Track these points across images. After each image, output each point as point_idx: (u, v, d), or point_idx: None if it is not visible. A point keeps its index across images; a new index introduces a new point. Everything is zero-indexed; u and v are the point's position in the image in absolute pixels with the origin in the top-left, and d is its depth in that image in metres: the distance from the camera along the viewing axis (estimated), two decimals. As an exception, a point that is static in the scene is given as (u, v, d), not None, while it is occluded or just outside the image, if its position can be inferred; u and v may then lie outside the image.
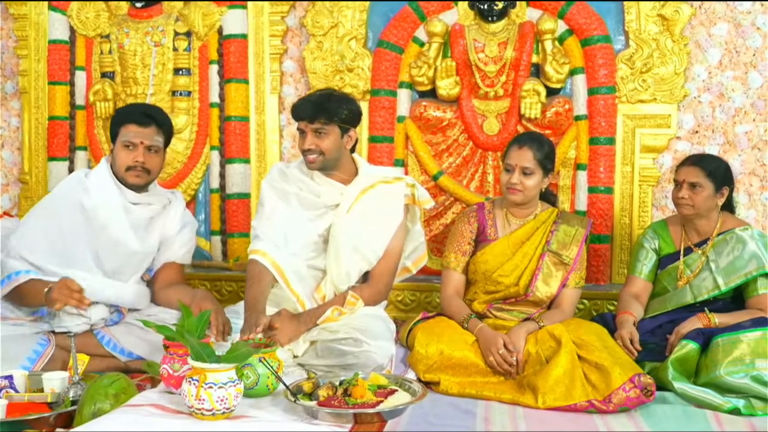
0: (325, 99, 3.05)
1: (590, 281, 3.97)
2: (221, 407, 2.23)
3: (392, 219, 3.19)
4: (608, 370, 2.70)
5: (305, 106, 3.05)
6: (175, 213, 3.31)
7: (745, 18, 4.00)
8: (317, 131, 3.03)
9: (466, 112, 4.10)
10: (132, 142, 3.13)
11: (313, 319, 2.98)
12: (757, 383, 2.73)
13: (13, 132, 4.71)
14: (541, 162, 3.15)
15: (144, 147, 3.14)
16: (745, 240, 3.15)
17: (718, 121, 4.05)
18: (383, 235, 3.17)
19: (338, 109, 3.04)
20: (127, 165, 3.13)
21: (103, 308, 3.07)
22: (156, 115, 3.24)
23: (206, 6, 4.31)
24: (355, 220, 3.10)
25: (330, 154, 3.06)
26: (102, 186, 3.15)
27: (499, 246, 3.21)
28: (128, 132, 3.14)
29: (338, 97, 3.10)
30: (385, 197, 3.18)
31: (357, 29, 4.19)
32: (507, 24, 4.08)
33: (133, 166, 3.13)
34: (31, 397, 2.48)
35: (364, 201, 3.13)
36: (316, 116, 3.01)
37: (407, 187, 3.23)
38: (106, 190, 3.14)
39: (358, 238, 3.11)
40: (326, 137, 3.03)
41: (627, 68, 4.00)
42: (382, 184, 3.18)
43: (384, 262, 3.18)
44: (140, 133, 3.14)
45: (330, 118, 3.02)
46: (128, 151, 3.14)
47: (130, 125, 3.15)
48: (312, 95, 3.13)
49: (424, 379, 2.87)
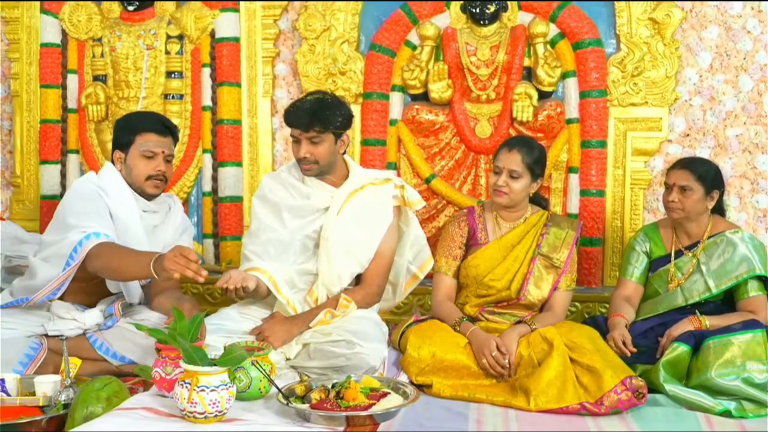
0: (319, 107, 3.02)
1: (582, 284, 3.98)
2: (213, 410, 2.23)
3: (382, 220, 3.19)
4: (600, 372, 2.71)
5: (299, 115, 3.03)
6: (176, 218, 3.31)
7: (736, 21, 4.02)
8: (312, 139, 3.02)
9: (459, 115, 4.11)
10: (153, 151, 3.12)
11: (305, 321, 2.99)
12: (748, 385, 2.74)
13: (5, 135, 4.70)
14: (529, 166, 3.14)
15: (164, 156, 3.14)
16: (735, 243, 3.16)
17: (709, 125, 4.07)
18: (373, 236, 3.17)
19: (332, 116, 3.02)
20: (148, 174, 3.12)
21: (97, 314, 3.07)
22: (172, 126, 3.25)
23: (198, 9, 4.31)
24: (345, 222, 3.10)
25: (324, 161, 3.06)
26: (119, 192, 3.11)
27: (489, 250, 3.21)
28: (148, 141, 3.12)
29: (331, 104, 3.07)
30: (374, 198, 3.18)
31: (349, 32, 4.20)
32: (499, 27, 4.09)
33: (154, 175, 3.12)
34: (23, 401, 2.46)
35: (353, 203, 3.13)
36: (311, 125, 2.99)
37: (396, 188, 3.23)
38: (123, 197, 3.11)
39: (348, 239, 3.11)
40: (321, 145, 3.03)
41: (618, 72, 4.02)
42: (371, 185, 3.18)
43: (376, 263, 3.18)
44: (161, 142, 3.14)
45: (325, 126, 3.00)
46: (148, 161, 3.12)
47: (149, 134, 3.14)
48: (305, 102, 3.08)
49: (416, 382, 2.87)
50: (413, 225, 3.34)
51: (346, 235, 3.10)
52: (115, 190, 3.10)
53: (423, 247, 3.40)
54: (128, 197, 3.11)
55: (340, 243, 3.10)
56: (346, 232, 3.10)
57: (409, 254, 3.36)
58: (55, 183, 4.49)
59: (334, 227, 3.10)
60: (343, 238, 3.10)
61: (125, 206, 3.09)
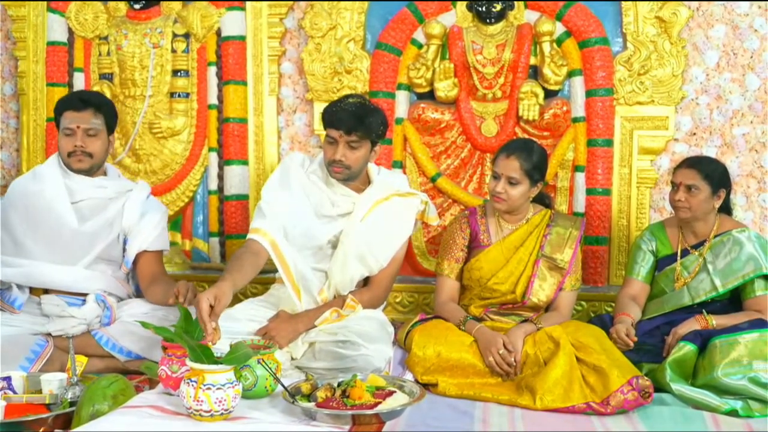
0: (364, 112, 2.99)
1: (588, 283, 3.98)
2: (219, 408, 2.23)
3: (403, 231, 3.21)
4: (606, 372, 2.71)
5: (343, 117, 2.98)
6: (134, 202, 3.32)
7: (743, 20, 4.01)
8: (350, 144, 3.00)
9: (464, 113, 4.11)
10: (70, 128, 3.21)
11: (311, 320, 2.99)
12: (755, 385, 2.73)
13: (12, 133, 4.71)
14: (528, 172, 3.11)
15: (82, 131, 3.20)
16: (742, 242, 3.15)
17: (715, 123, 4.06)
18: (392, 246, 3.18)
19: (375, 124, 3.01)
20: (68, 151, 3.22)
21: (94, 307, 3.08)
22: (92, 98, 3.30)
23: (205, 8, 4.30)
24: (367, 229, 3.11)
25: (356, 167, 3.07)
26: (48, 170, 3.26)
27: (492, 252, 3.20)
28: (65, 119, 3.23)
29: (374, 111, 3.06)
30: (399, 210, 3.19)
31: (355, 31, 4.20)
32: (505, 26, 4.08)
33: (72, 151, 3.21)
34: (29, 399, 2.47)
35: (377, 212, 3.13)
36: (355, 129, 2.97)
37: (422, 204, 3.26)
38: (51, 173, 3.24)
39: (366, 247, 3.11)
40: (358, 150, 3.02)
41: (625, 70, 4.00)
42: (397, 197, 3.18)
43: (386, 269, 3.20)
44: (77, 117, 3.21)
45: (367, 133, 2.99)
46: (68, 138, 3.22)
47: (67, 112, 3.24)
48: (348, 104, 3.03)
49: (422, 381, 2.87)
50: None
51: (364, 242, 3.10)
52: (44, 172, 3.27)
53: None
54: (56, 174, 3.24)
55: (357, 249, 3.10)
56: (366, 239, 3.10)
57: None
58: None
59: (354, 233, 3.09)
60: (361, 245, 3.10)
61: (51, 184, 3.22)
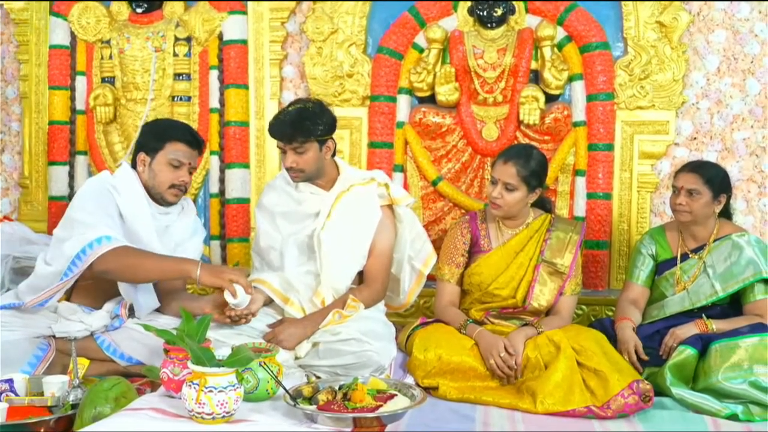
0: (299, 118, 3.07)
1: (588, 287, 3.98)
2: (221, 411, 2.24)
3: (369, 218, 3.23)
4: (607, 376, 2.71)
5: (281, 128, 3.10)
6: (188, 220, 3.31)
7: (743, 25, 4.02)
8: (296, 150, 3.09)
9: (465, 118, 4.12)
10: (181, 161, 3.12)
11: (316, 323, 3.03)
12: (755, 389, 2.74)
13: (14, 136, 4.72)
14: (525, 179, 3.10)
15: (188, 168, 3.15)
16: (741, 246, 3.16)
17: (716, 128, 4.07)
18: (364, 233, 3.21)
19: (314, 126, 3.08)
20: (171, 183, 3.12)
21: (104, 315, 3.08)
22: (201, 141, 3.26)
23: (207, 11, 4.31)
24: (336, 224, 3.16)
25: (311, 168, 3.14)
26: (132, 192, 3.10)
27: (493, 257, 3.20)
28: (177, 151, 3.12)
29: (312, 113, 3.10)
30: (360, 198, 3.22)
31: (357, 35, 4.21)
32: (506, 30, 4.09)
33: (177, 185, 3.13)
34: (32, 401, 2.48)
35: (341, 205, 3.19)
36: (293, 137, 3.06)
37: (380, 187, 3.27)
38: (135, 196, 3.10)
39: (341, 240, 3.16)
40: (305, 154, 3.10)
41: (625, 75, 4.01)
42: (356, 186, 3.23)
43: (375, 261, 3.23)
44: (189, 154, 3.15)
45: (307, 137, 3.07)
46: (174, 170, 3.12)
47: (179, 144, 3.13)
48: (286, 114, 3.13)
49: (422, 385, 2.87)
50: (407, 221, 3.35)
51: (338, 236, 3.16)
52: (127, 190, 3.09)
53: (425, 243, 3.41)
54: (140, 197, 3.11)
55: (334, 244, 3.15)
56: (338, 233, 3.16)
57: (410, 250, 3.37)
58: (63, 184, 4.49)
59: (326, 230, 3.16)
60: (336, 240, 3.15)
61: (136, 206, 3.08)
